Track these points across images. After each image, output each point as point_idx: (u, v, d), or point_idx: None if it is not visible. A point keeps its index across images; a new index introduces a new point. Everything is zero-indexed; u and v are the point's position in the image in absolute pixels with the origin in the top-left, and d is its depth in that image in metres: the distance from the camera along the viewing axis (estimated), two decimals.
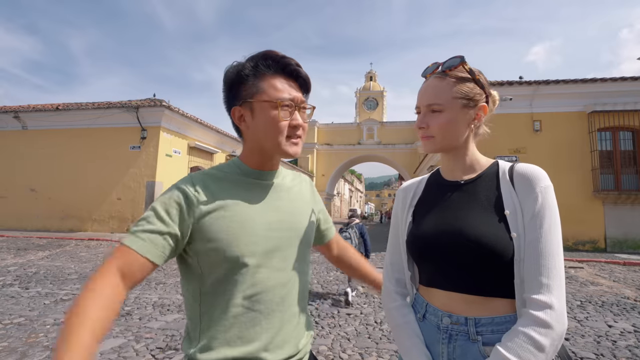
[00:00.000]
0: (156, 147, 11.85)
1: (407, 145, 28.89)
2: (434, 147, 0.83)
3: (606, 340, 3.10)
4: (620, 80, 9.28)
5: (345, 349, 2.89)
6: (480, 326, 0.74)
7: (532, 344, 0.64)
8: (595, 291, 4.97)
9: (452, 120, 0.80)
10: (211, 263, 0.75)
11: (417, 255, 0.85)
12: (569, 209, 9.08)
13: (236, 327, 0.75)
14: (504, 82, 9.65)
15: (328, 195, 31.23)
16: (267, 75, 0.79)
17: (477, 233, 0.74)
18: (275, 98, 0.77)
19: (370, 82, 33.83)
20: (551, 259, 0.69)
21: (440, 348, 0.78)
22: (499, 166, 0.84)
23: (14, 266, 6.12)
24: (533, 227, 0.71)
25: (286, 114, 0.79)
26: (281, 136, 0.79)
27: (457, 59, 0.80)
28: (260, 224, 0.78)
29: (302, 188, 0.95)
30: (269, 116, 0.78)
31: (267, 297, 0.77)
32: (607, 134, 9.65)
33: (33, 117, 12.82)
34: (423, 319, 0.83)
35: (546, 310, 0.66)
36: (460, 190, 0.84)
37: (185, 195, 0.75)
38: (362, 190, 72.36)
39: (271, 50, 0.80)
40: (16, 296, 4.26)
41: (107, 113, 12.05)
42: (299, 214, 0.88)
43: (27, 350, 2.70)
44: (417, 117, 0.85)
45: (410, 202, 0.92)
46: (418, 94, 0.85)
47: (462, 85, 0.80)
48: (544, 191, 0.73)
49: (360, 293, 4.77)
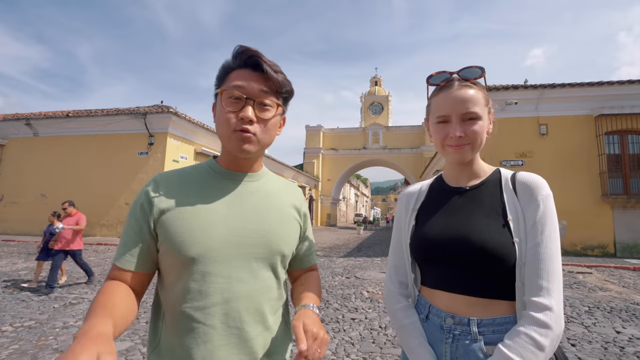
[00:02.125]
0: (163, 153, 12.00)
1: (412, 150, 28.82)
2: (471, 155, 0.84)
3: (614, 346, 3.05)
4: (628, 83, 9.19)
5: (350, 354, 2.90)
6: (482, 326, 0.77)
7: (533, 343, 0.68)
8: (603, 297, 4.90)
9: (485, 127, 0.83)
10: (167, 266, 0.73)
11: (421, 258, 0.87)
12: (577, 213, 8.97)
13: (185, 341, 0.68)
14: (509, 86, 9.62)
15: (334, 199, 31.21)
16: (235, 70, 0.75)
17: (483, 238, 0.77)
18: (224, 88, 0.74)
19: (375, 86, 33.92)
20: (551, 263, 0.73)
21: (443, 347, 0.81)
22: (501, 173, 0.87)
23: (24, 270, 6.23)
24: (534, 233, 0.75)
25: (234, 105, 0.72)
26: (226, 129, 0.73)
27: (479, 70, 0.84)
28: (222, 228, 0.72)
29: (288, 197, 0.86)
30: (219, 108, 0.75)
31: (222, 310, 0.69)
32: (615, 137, 9.54)
33: (44, 124, 13.10)
34: (426, 319, 0.86)
35: (546, 312, 0.69)
36: (464, 196, 0.87)
37: (147, 197, 0.74)
38: (367, 195, 72.12)
39: (240, 45, 0.76)
40: (26, 300, 4.35)
41: (115, 120, 12.26)
42: (275, 222, 0.79)
43: (38, 353, 2.76)
44: (444, 126, 0.84)
45: (414, 207, 0.95)
46: (444, 101, 0.83)
47: (486, 93, 0.85)
48: (545, 199, 0.77)
49: (365, 298, 4.77)
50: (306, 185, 27.60)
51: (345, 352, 2.93)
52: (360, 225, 22.06)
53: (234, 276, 0.71)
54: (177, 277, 0.71)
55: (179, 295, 0.70)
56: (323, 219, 29.95)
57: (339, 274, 6.68)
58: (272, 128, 0.78)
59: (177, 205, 0.73)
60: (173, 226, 0.70)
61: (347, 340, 3.20)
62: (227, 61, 0.76)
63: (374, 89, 33.57)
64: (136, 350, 2.87)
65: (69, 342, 2.99)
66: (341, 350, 2.98)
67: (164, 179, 0.77)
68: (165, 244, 0.71)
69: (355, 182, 52.57)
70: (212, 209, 0.74)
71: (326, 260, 8.57)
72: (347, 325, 3.63)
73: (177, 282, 0.71)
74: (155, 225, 0.72)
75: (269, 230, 0.77)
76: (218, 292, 0.70)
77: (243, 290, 0.72)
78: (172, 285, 0.72)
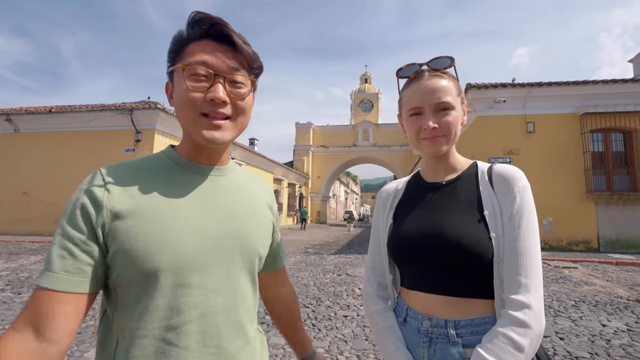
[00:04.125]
0: (151, 149, 11.78)
1: (402, 147, 29.04)
2: (446, 147, 0.81)
3: (600, 339, 3.12)
4: (612, 82, 9.42)
5: (343, 351, 2.89)
6: (459, 328, 0.74)
7: (512, 344, 0.65)
8: (589, 291, 5.01)
9: (459, 117, 0.81)
10: (123, 282, 0.58)
11: (398, 257, 0.85)
12: (563, 209, 9.19)
13: None
14: (498, 84, 9.75)
15: (324, 197, 31.26)
16: (193, 43, 0.62)
17: (457, 234, 0.75)
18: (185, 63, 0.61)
19: (365, 84, 33.99)
20: (529, 258, 0.70)
21: (421, 352, 0.78)
22: (477, 167, 0.84)
23: (5, 271, 6.03)
24: (511, 227, 0.72)
25: (198, 84, 0.60)
26: (191, 112, 0.61)
27: (448, 59, 0.81)
28: (191, 230, 0.60)
29: (260, 193, 0.77)
30: (179, 87, 0.61)
31: (197, 327, 0.59)
32: (599, 135, 9.78)
33: (25, 119, 12.69)
34: (404, 322, 0.83)
35: (524, 310, 0.67)
36: (440, 192, 0.84)
37: (91, 197, 0.57)
38: (357, 192, 72.49)
39: (195, 11, 0.62)
40: (8, 302, 4.20)
41: (100, 116, 11.97)
42: (249, 220, 0.69)
43: None
44: (418, 118, 0.81)
45: (391, 204, 0.92)
46: (415, 93, 0.80)
47: (457, 83, 0.82)
48: (522, 191, 0.74)
49: (356, 295, 4.78)
50: (296, 183, 27.53)
51: (339, 350, 2.92)
52: (350, 222, 22.16)
53: (210, 286, 0.61)
54: (139, 294, 0.57)
55: (143, 316, 0.57)
56: (313, 216, 29.95)
57: (330, 271, 6.68)
58: (248, 109, 0.66)
59: (135, 206, 0.58)
60: (132, 232, 0.56)
61: (340, 338, 3.19)
62: (182, 31, 0.62)
63: (364, 87, 33.63)
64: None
65: None
66: (334, 347, 2.97)
67: (113, 173, 0.60)
68: (121, 256, 0.56)
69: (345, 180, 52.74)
70: (180, 208, 0.61)
71: (317, 258, 8.56)
72: (340, 323, 3.62)
73: (138, 300, 0.57)
74: (105, 232, 0.56)
75: (246, 230, 0.67)
76: (192, 307, 0.59)
77: (220, 301, 0.62)
78: (131, 305, 0.57)
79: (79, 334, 3.15)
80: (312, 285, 5.38)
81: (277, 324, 0.92)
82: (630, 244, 9.12)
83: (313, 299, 4.59)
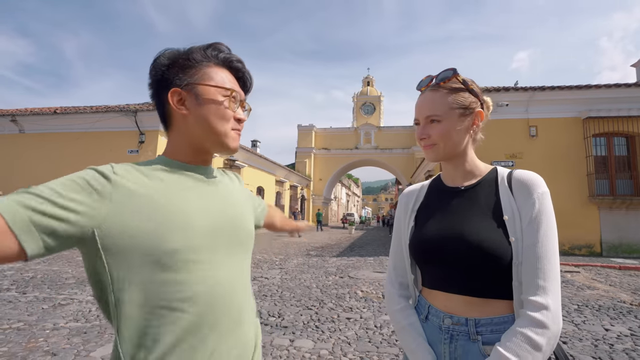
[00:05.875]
0: (154, 151, 11.84)
1: (404, 150, 29.05)
2: (437, 155, 0.87)
3: (603, 343, 3.13)
4: (615, 86, 9.44)
5: (346, 353, 2.91)
6: (480, 326, 0.77)
7: (530, 343, 0.68)
8: (591, 295, 5.01)
9: (451, 128, 0.84)
10: (133, 263, 0.60)
11: (420, 258, 0.88)
12: (565, 214, 9.17)
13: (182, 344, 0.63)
14: (500, 88, 9.77)
15: (325, 199, 31.24)
16: (213, 65, 0.75)
17: (478, 238, 0.78)
18: (227, 86, 0.74)
19: (367, 87, 34.06)
20: (548, 262, 0.73)
21: (442, 348, 0.81)
22: (497, 172, 0.88)
23: (10, 270, 6.07)
24: (531, 231, 0.75)
25: (234, 105, 0.76)
26: (226, 125, 0.74)
27: (450, 72, 0.85)
28: (200, 215, 0.69)
29: (237, 183, 0.92)
30: (218, 103, 0.73)
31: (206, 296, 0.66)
32: (601, 139, 9.79)
33: (30, 120, 12.79)
34: (426, 320, 0.86)
35: (543, 311, 0.70)
36: (460, 196, 0.88)
37: (102, 175, 0.61)
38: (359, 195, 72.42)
39: (220, 42, 0.78)
40: (14, 301, 4.24)
41: (105, 117, 12.05)
42: (241, 206, 0.83)
43: (28, 355, 2.69)
44: (417, 128, 0.89)
45: (412, 207, 0.96)
46: (416, 106, 0.89)
47: (457, 95, 0.85)
48: (541, 197, 0.77)
49: (359, 297, 4.79)
50: (298, 185, 27.55)
51: (342, 352, 2.93)
52: (352, 224, 22.12)
53: (216, 262, 0.69)
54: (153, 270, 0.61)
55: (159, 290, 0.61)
56: (315, 219, 29.97)
57: (333, 273, 6.69)
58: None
59: (146, 191, 0.63)
60: (144, 213, 0.61)
61: (344, 340, 3.21)
62: (202, 52, 0.74)
63: (366, 89, 33.71)
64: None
65: (60, 344, 2.93)
66: (338, 349, 2.98)
67: (121, 165, 0.67)
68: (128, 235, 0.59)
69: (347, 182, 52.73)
70: (185, 197, 0.69)
71: (319, 260, 8.57)
72: (343, 325, 3.63)
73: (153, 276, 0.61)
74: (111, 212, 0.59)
75: (238, 213, 0.80)
76: (202, 280, 0.66)
77: (224, 274, 0.71)
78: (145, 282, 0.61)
79: (84, 334, 3.17)
80: (314, 288, 5.39)
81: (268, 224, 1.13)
82: (633, 249, 9.10)
83: (316, 300, 4.60)
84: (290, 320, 3.64)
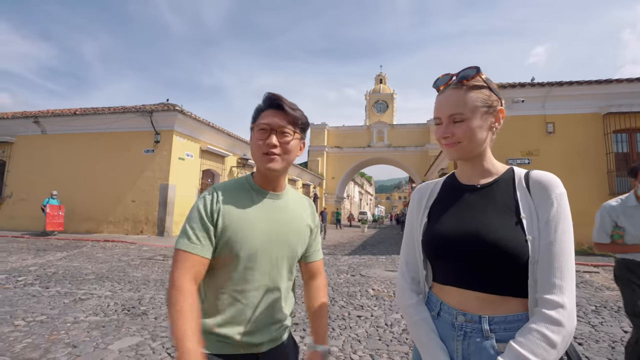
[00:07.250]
0: (169, 150, 12.09)
1: (417, 148, 28.71)
2: (460, 154, 0.86)
3: (621, 345, 3.05)
4: (637, 80, 9.08)
5: (356, 351, 2.93)
6: (493, 324, 0.77)
7: (545, 340, 0.69)
8: (610, 296, 4.87)
9: (476, 127, 0.83)
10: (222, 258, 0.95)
11: (433, 254, 0.89)
12: (584, 212, 8.83)
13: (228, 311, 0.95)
14: (516, 84, 9.55)
15: (338, 197, 31.20)
16: (264, 110, 1.00)
17: (495, 236, 0.78)
18: (258, 122, 0.99)
19: (380, 84, 33.75)
20: (564, 261, 0.73)
21: (455, 345, 0.81)
22: (514, 172, 0.88)
23: (34, 266, 6.33)
24: (548, 231, 0.76)
25: (262, 135, 0.97)
26: (258, 152, 0.99)
27: (474, 70, 0.84)
28: (258, 235, 0.97)
29: (304, 211, 1.12)
30: (253, 137, 1.01)
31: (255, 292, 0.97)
32: (623, 135, 9.44)
33: (52, 121, 13.25)
34: (438, 316, 0.87)
35: (558, 309, 0.70)
36: (477, 194, 0.88)
37: (211, 201, 0.97)
38: (372, 193, 72.01)
39: (270, 92, 1.01)
40: (37, 295, 4.42)
41: (122, 118, 12.37)
42: (295, 232, 1.05)
43: (50, 347, 2.82)
44: (438, 127, 0.87)
45: (426, 204, 0.96)
46: (436, 105, 0.87)
47: (480, 93, 0.84)
48: (559, 197, 0.78)
49: (370, 296, 4.79)
50: (310, 183, 27.62)
51: (352, 349, 2.95)
52: (365, 223, 22.05)
53: (263, 270, 0.98)
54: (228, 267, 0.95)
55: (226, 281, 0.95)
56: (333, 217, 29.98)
57: (344, 271, 6.71)
58: (293, 149, 1.01)
59: (231, 211, 0.96)
60: (230, 228, 0.94)
61: (354, 338, 3.23)
62: (259, 105, 1.02)
63: (378, 87, 33.43)
64: (146, 345, 2.92)
65: (80, 337, 3.05)
66: (348, 347, 3.00)
67: (219, 190, 0.99)
68: (224, 242, 0.93)
69: (360, 180, 52.52)
70: (255, 218, 0.98)
71: (331, 258, 8.60)
72: (353, 323, 3.65)
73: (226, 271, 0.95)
74: (217, 225, 0.94)
75: (289, 239, 1.03)
76: (252, 280, 0.96)
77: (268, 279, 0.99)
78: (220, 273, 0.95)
79: (103, 327, 3.30)
80: None
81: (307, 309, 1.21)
82: None
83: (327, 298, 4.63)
84: (301, 317, 3.68)
